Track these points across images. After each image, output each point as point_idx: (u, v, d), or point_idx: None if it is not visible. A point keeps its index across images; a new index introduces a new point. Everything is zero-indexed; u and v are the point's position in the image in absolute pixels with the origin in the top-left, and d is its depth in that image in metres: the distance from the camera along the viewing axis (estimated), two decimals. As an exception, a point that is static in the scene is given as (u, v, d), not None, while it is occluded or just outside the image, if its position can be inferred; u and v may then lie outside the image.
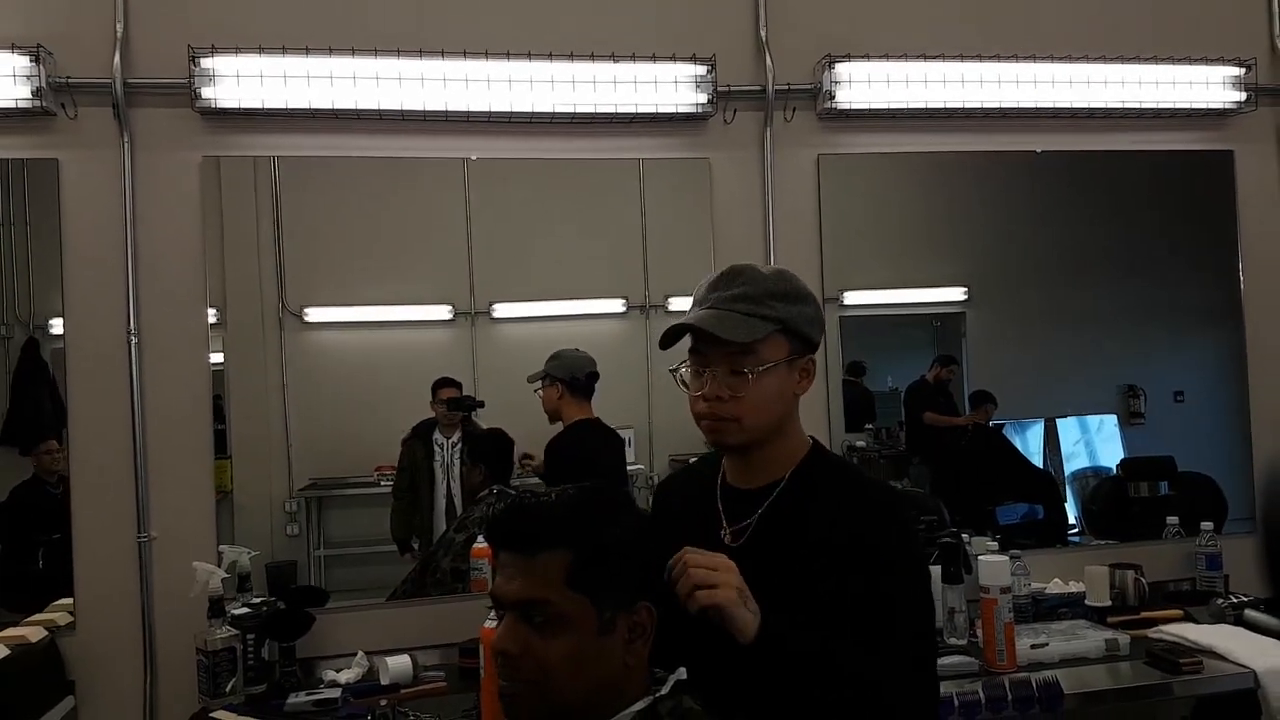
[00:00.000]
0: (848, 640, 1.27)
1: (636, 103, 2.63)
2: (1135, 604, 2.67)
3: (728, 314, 1.36)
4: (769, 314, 1.37)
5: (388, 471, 2.78)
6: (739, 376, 1.35)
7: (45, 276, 2.52)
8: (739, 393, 1.36)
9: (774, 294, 1.38)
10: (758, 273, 1.41)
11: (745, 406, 1.36)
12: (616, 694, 1.15)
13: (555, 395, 2.77)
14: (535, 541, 1.13)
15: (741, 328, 1.35)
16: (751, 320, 1.36)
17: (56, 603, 2.47)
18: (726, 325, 1.34)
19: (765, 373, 1.36)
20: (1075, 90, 2.86)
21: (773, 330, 1.37)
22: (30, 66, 2.36)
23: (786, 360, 1.39)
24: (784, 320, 1.38)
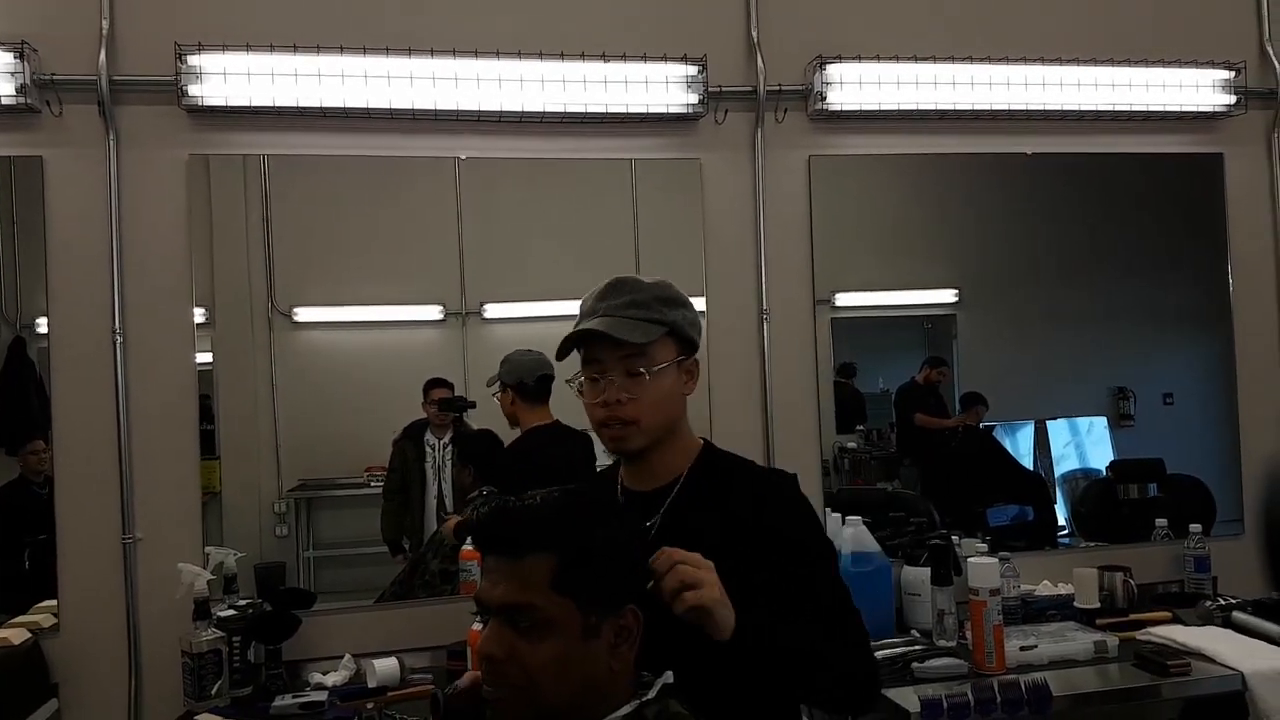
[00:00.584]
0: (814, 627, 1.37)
1: (627, 103, 2.62)
2: (1124, 606, 2.67)
3: (621, 320, 1.46)
4: (658, 318, 1.48)
5: (378, 472, 2.76)
6: (635, 379, 1.45)
7: (32, 275, 2.50)
8: (635, 394, 1.45)
9: (660, 299, 1.49)
10: (641, 282, 1.52)
11: (643, 407, 1.46)
12: (602, 698, 1.14)
13: (508, 401, 2.72)
14: (520, 545, 1.12)
15: (636, 331, 1.45)
16: (644, 324, 1.46)
17: (40, 604, 2.45)
18: (623, 329, 1.44)
19: (659, 373, 1.46)
20: (1065, 93, 2.86)
21: (663, 333, 1.47)
22: (14, 63, 2.34)
23: (675, 362, 1.49)
24: (672, 323, 1.49)
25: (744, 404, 2.77)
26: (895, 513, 2.83)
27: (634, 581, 1.18)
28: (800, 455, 2.79)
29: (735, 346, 2.77)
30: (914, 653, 2.36)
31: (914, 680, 2.24)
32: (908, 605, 2.61)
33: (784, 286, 2.79)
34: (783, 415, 2.78)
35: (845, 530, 2.59)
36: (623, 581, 1.16)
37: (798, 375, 2.80)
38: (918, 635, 2.51)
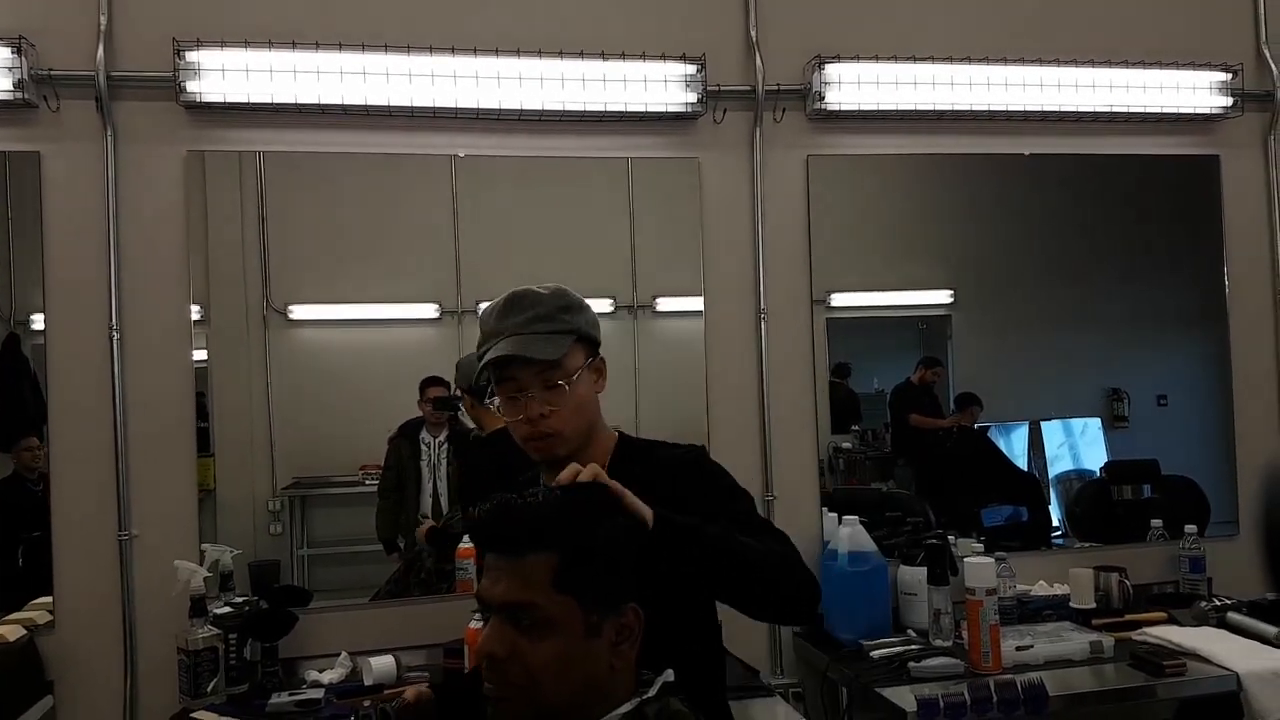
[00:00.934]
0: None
1: (626, 101, 2.62)
2: (1119, 606, 2.68)
3: (530, 337, 1.48)
4: (564, 327, 1.50)
5: (372, 470, 2.75)
6: (555, 390, 1.48)
7: (26, 271, 2.49)
8: (557, 405, 1.49)
9: (561, 309, 1.52)
10: (539, 294, 1.53)
11: (565, 417, 1.50)
12: (603, 696, 1.14)
13: (470, 405, 2.71)
14: (522, 543, 1.12)
15: (549, 346, 1.47)
16: (553, 337, 1.49)
17: (35, 601, 2.44)
18: (537, 347, 1.47)
19: (576, 381, 1.50)
20: (1064, 94, 2.87)
21: (572, 341, 1.51)
22: (12, 58, 2.33)
23: (586, 365, 1.53)
24: (576, 329, 1.52)
25: (741, 404, 2.77)
26: (891, 513, 2.83)
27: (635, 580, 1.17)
28: (798, 455, 2.80)
29: (733, 346, 2.78)
30: (910, 652, 2.37)
31: (910, 680, 2.24)
32: (904, 605, 2.61)
33: (782, 286, 2.79)
34: (780, 415, 2.78)
35: (842, 530, 2.59)
36: (624, 580, 1.16)
37: (795, 375, 2.81)
38: (914, 635, 2.52)
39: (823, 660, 2.49)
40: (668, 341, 2.92)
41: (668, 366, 2.88)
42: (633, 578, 1.17)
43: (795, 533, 2.68)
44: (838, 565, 2.56)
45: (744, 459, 2.76)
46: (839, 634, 2.55)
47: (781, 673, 2.70)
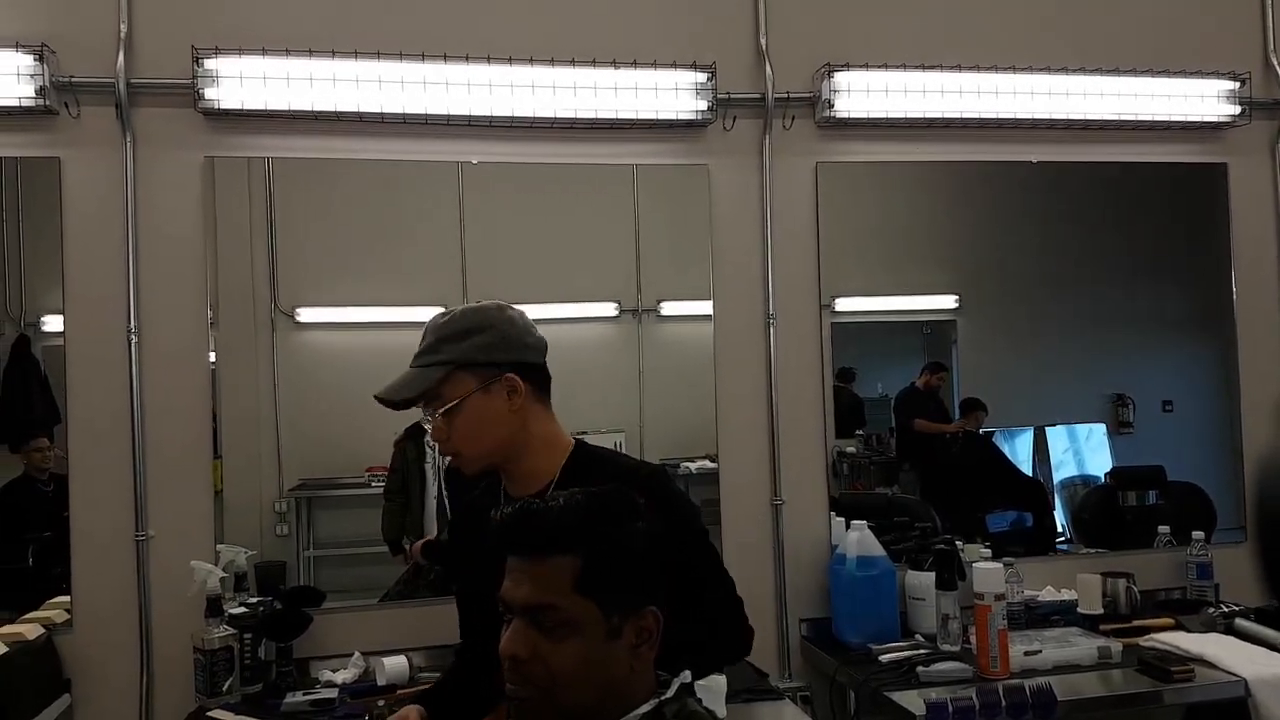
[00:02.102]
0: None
1: (637, 109, 2.64)
2: (1127, 612, 2.69)
3: (408, 373, 1.59)
4: (438, 359, 1.56)
5: (379, 472, 2.77)
6: (445, 417, 1.57)
7: (37, 274, 2.53)
8: (445, 432, 1.57)
9: (444, 339, 1.58)
10: (439, 321, 1.61)
11: (458, 440, 1.57)
12: (622, 697, 1.16)
13: None
14: (544, 546, 1.14)
15: (408, 386, 1.57)
16: (424, 371, 1.57)
17: (53, 600, 2.46)
18: (396, 389, 1.57)
19: (454, 410, 1.55)
20: (1072, 102, 2.88)
21: (446, 372, 1.56)
22: (34, 65, 2.36)
23: (479, 390, 1.56)
24: (453, 360, 1.56)
25: (750, 407, 2.79)
26: (899, 518, 2.85)
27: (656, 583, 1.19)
28: (806, 459, 2.81)
29: (741, 351, 2.80)
30: (918, 656, 2.38)
31: (919, 684, 2.25)
32: (912, 610, 2.62)
33: (790, 291, 2.81)
34: (788, 419, 2.80)
35: (850, 535, 2.60)
36: (644, 583, 1.18)
37: (804, 379, 2.82)
38: (922, 639, 2.53)
39: (831, 664, 2.50)
40: (672, 346, 2.94)
41: (672, 371, 2.90)
42: (652, 581, 1.19)
43: (803, 537, 2.76)
44: (846, 570, 2.58)
45: (752, 463, 2.78)
46: (847, 638, 2.57)
47: (790, 676, 2.72)
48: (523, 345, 1.63)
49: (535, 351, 1.65)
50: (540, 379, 1.66)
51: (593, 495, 1.19)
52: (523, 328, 1.65)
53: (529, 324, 1.67)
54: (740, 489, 2.78)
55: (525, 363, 1.63)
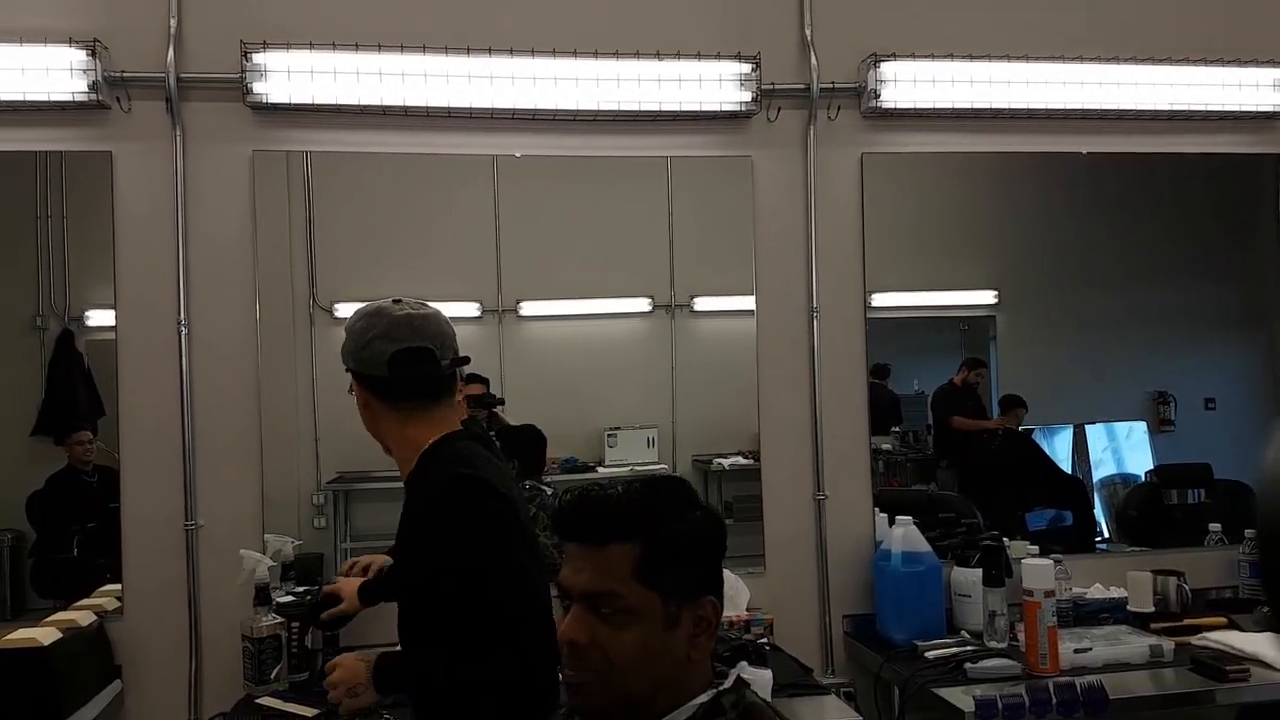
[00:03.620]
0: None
1: (680, 100, 2.63)
2: (1177, 611, 2.65)
3: None
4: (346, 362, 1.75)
5: (413, 465, 2.78)
6: None
7: (81, 269, 2.57)
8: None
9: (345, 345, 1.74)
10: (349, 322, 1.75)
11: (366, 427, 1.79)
12: (680, 686, 1.16)
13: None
14: (604, 533, 1.14)
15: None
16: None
17: (104, 588, 2.51)
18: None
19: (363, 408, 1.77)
20: (1123, 92, 2.83)
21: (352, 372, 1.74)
22: (87, 60, 2.40)
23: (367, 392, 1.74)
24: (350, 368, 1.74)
25: (792, 402, 2.77)
26: (944, 514, 2.82)
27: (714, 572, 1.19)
28: (849, 455, 2.79)
29: (784, 345, 2.78)
30: (965, 653, 2.36)
31: (966, 680, 2.24)
32: (958, 606, 2.60)
33: (834, 284, 2.79)
34: (832, 414, 2.78)
35: (895, 530, 2.59)
36: (702, 572, 1.17)
37: (847, 374, 2.80)
38: (968, 636, 2.51)
39: (875, 660, 2.49)
40: (705, 342, 2.95)
41: (705, 367, 2.91)
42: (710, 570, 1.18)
43: (846, 533, 2.74)
44: (891, 566, 2.56)
45: (795, 457, 2.77)
46: (891, 634, 2.55)
47: (833, 672, 2.70)
48: (357, 357, 1.72)
49: (370, 364, 1.69)
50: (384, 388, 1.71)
51: (651, 483, 1.19)
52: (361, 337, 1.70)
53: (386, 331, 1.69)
54: (782, 484, 2.77)
55: (360, 373, 1.73)
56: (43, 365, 2.56)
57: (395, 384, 1.69)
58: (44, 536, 2.57)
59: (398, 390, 1.70)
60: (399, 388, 1.70)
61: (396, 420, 1.73)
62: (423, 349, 1.68)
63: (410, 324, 1.69)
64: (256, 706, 2.22)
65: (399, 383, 1.68)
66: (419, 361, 1.67)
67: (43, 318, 2.57)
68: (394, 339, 1.67)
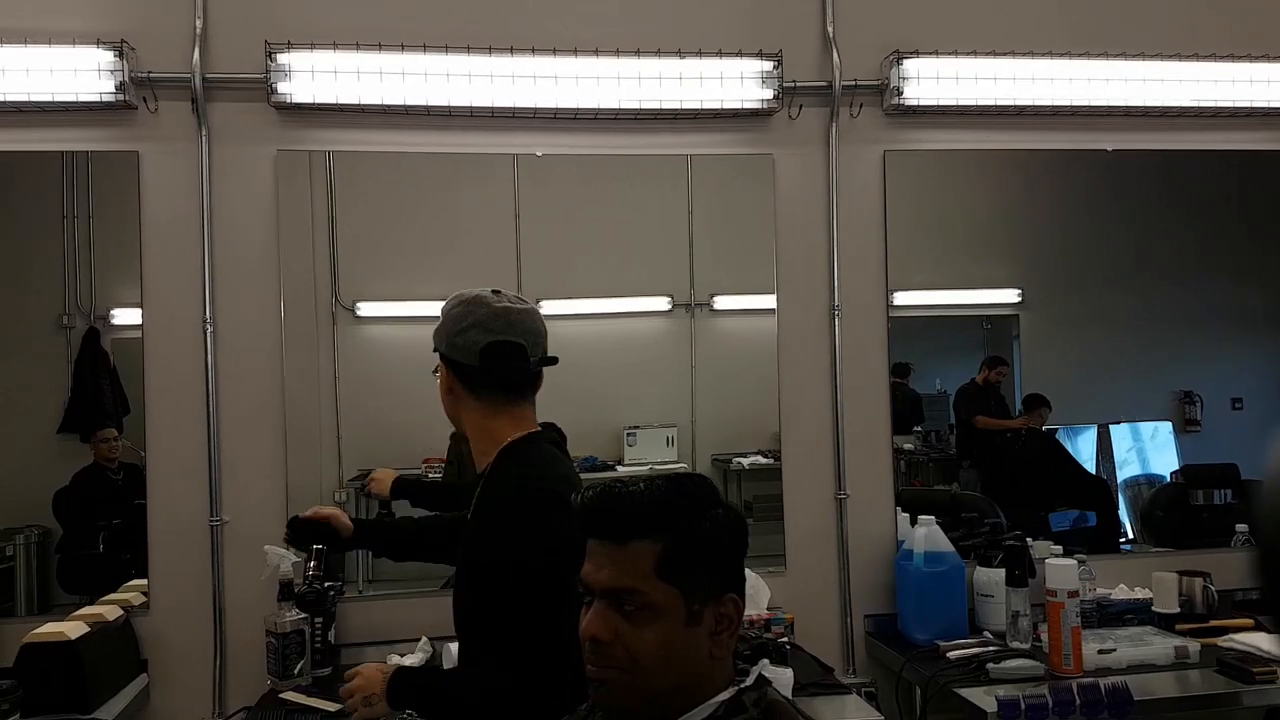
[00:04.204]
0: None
1: (702, 98, 2.63)
2: (1203, 612, 2.62)
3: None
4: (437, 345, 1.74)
5: (435, 464, 2.79)
6: None
7: (107, 268, 2.60)
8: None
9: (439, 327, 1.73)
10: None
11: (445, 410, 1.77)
12: (702, 684, 1.16)
13: None
14: (626, 530, 1.14)
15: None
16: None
17: (130, 583, 2.54)
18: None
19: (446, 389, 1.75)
20: (1149, 88, 2.80)
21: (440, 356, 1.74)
22: (114, 61, 2.42)
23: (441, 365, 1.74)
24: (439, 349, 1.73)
25: (813, 401, 2.77)
26: (966, 513, 2.80)
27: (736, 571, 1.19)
28: (871, 454, 2.78)
29: (805, 344, 2.77)
30: (988, 654, 2.35)
31: (989, 681, 2.23)
32: (980, 606, 2.59)
33: (856, 282, 2.78)
34: (853, 413, 2.77)
35: (918, 530, 2.57)
36: (724, 570, 1.17)
37: (869, 372, 2.79)
38: (990, 637, 2.49)
39: (896, 660, 2.48)
40: (725, 341, 2.93)
41: (725, 366, 2.89)
42: (732, 568, 1.18)
43: (867, 532, 2.73)
44: (913, 565, 2.55)
45: (816, 456, 2.76)
46: (913, 634, 2.54)
47: (854, 672, 2.70)
48: (450, 342, 1.70)
49: (462, 351, 1.68)
50: (471, 377, 1.69)
51: (673, 481, 1.19)
52: (457, 324, 1.69)
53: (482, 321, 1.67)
54: (803, 483, 2.76)
55: (449, 358, 1.71)
56: (69, 363, 2.59)
57: (483, 375, 1.67)
58: (70, 532, 2.60)
59: (484, 382, 1.69)
60: (486, 379, 1.68)
61: (479, 411, 1.71)
62: (515, 344, 1.67)
63: (507, 317, 1.67)
64: (280, 701, 2.23)
65: (487, 374, 1.67)
66: (510, 356, 1.66)
67: (69, 316, 2.59)
68: (489, 330, 1.66)
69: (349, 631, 2.54)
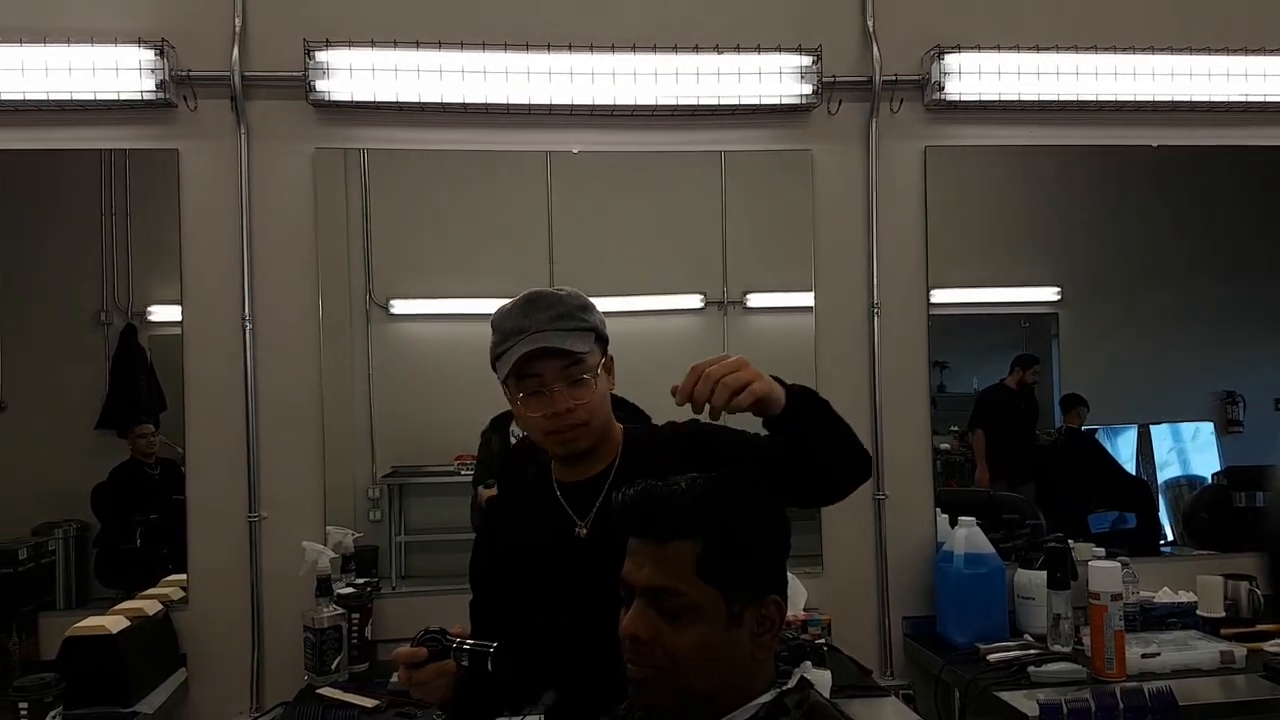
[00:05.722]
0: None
1: (740, 94, 2.61)
2: (1249, 616, 2.58)
3: (556, 333, 1.50)
4: (585, 325, 1.53)
5: (468, 461, 2.80)
6: (580, 385, 1.51)
7: (143, 265, 2.62)
8: (582, 398, 1.51)
9: (579, 307, 1.55)
10: (557, 294, 1.55)
11: (590, 410, 1.52)
12: (743, 685, 1.15)
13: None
14: (667, 529, 1.13)
15: (578, 341, 1.50)
16: (576, 334, 1.51)
17: (169, 578, 2.56)
18: (568, 340, 1.50)
19: (598, 375, 1.53)
20: (1195, 83, 2.75)
21: (593, 339, 1.54)
22: (155, 60, 2.44)
23: (603, 362, 1.56)
24: (595, 328, 1.55)
25: (851, 399, 2.72)
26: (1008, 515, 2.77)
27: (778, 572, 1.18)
28: (910, 454, 2.75)
29: (843, 341, 2.75)
30: (1028, 657, 2.32)
31: (1030, 684, 2.20)
32: (1020, 609, 2.56)
33: (896, 279, 2.75)
34: (892, 412, 2.74)
35: (958, 531, 2.54)
36: (765, 572, 1.16)
37: (909, 371, 2.76)
38: (1031, 639, 2.47)
39: (935, 663, 2.45)
40: (758, 338, 2.91)
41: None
42: (773, 570, 1.17)
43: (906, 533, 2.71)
44: (953, 567, 2.52)
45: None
46: (952, 637, 2.52)
47: (891, 674, 2.67)
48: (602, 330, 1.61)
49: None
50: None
51: (715, 481, 1.18)
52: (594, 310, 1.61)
53: None
54: (840, 482, 2.73)
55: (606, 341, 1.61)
56: (106, 360, 2.61)
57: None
58: (108, 527, 2.63)
59: None
60: None
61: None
62: None
63: None
64: (317, 696, 2.24)
65: None
66: None
67: (106, 313, 2.62)
68: None
69: (385, 628, 2.54)
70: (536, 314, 1.52)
